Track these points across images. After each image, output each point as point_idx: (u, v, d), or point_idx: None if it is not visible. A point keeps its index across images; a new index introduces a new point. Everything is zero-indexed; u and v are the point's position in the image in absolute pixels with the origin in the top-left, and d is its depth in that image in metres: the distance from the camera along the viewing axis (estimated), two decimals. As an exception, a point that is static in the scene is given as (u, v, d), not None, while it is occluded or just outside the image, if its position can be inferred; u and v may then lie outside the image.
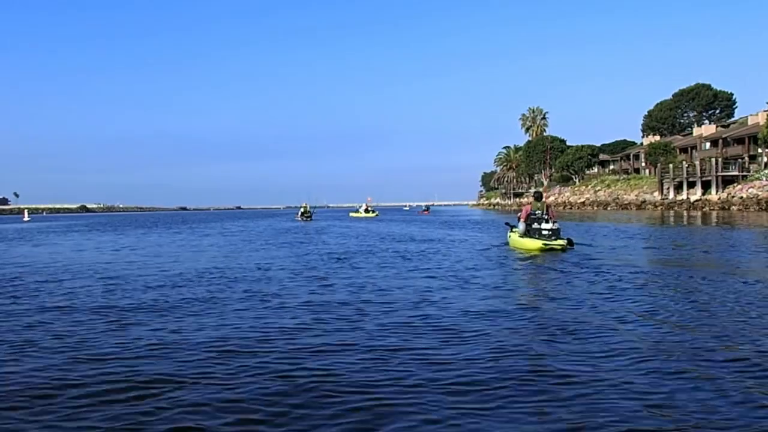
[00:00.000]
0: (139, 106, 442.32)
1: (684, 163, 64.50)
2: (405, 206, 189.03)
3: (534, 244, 17.09)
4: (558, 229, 17.41)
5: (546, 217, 17.68)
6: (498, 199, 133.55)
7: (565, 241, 17.36)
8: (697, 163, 61.71)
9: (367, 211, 67.98)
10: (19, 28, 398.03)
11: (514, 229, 19.27)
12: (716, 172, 57.46)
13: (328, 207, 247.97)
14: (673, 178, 64.51)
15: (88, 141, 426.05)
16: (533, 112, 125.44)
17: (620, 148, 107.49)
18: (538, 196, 18.59)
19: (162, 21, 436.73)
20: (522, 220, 18.08)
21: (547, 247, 16.82)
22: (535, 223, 17.58)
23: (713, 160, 58.77)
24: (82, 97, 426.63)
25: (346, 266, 14.28)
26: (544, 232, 17.21)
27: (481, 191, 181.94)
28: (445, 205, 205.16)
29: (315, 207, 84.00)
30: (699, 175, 59.98)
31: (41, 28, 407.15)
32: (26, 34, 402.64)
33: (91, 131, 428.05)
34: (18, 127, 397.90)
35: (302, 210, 57.18)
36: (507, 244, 19.79)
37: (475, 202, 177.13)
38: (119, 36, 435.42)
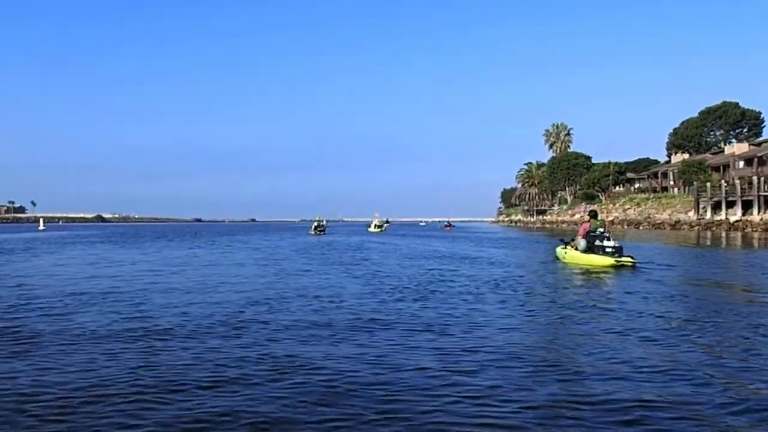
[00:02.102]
0: (156, 118, 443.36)
1: (723, 182, 62.03)
2: (421, 222, 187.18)
3: (605, 260, 17.19)
4: (621, 247, 17.69)
5: (607, 234, 18.06)
6: (520, 216, 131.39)
7: (631, 258, 17.39)
8: (737, 182, 59.22)
9: (377, 226, 69.42)
10: (38, 38, 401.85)
11: (568, 246, 19.47)
12: (758, 191, 54.97)
13: (343, 221, 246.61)
14: (711, 198, 62.02)
15: (105, 151, 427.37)
16: (557, 128, 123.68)
17: (643, 166, 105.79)
18: (594, 214, 19.05)
19: (176, 33, 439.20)
20: (581, 237, 18.25)
21: (619, 263, 16.92)
22: (597, 240, 17.80)
23: (755, 179, 56.28)
24: (99, 108, 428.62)
25: (437, 303, 10.44)
26: (608, 249, 17.49)
27: (500, 208, 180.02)
28: (461, 222, 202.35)
29: (330, 221, 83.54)
30: (739, 194, 57.48)
31: (59, 39, 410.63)
32: (45, 44, 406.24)
33: (109, 142, 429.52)
34: (36, 136, 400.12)
35: (315, 224, 57.66)
36: (557, 260, 20.06)
37: (494, 219, 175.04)
38: (135, 48, 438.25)
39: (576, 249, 18.54)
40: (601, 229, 18.20)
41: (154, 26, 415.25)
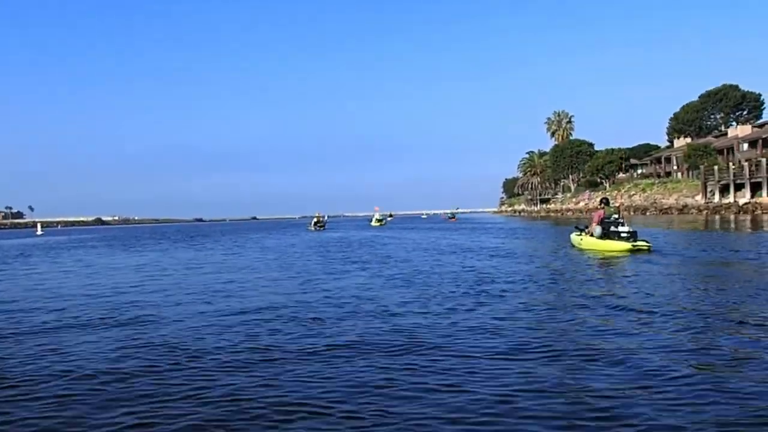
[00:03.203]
0: (155, 118, 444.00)
1: (731, 164, 61.40)
2: (423, 214, 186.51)
3: (622, 245, 17.72)
4: (635, 232, 18.27)
5: (622, 220, 18.76)
6: (523, 206, 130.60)
7: (646, 242, 17.95)
8: (745, 164, 58.58)
9: (378, 220, 69.78)
10: (34, 39, 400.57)
11: (583, 233, 20.09)
12: (767, 173, 54.29)
13: (344, 216, 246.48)
14: (718, 181, 61.34)
15: (103, 153, 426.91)
16: (558, 115, 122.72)
17: (644, 152, 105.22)
18: (607, 201, 19.70)
19: (174, 32, 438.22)
20: (596, 223, 18.90)
21: (635, 248, 17.48)
22: (612, 227, 18.43)
23: (763, 160, 55.62)
24: (97, 110, 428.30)
25: (507, 314, 8.44)
26: (624, 235, 18.05)
27: (502, 198, 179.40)
28: (463, 213, 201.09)
29: (331, 217, 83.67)
30: (748, 177, 56.80)
31: (57, 39, 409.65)
32: (41, 45, 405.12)
33: (106, 143, 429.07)
34: (33, 140, 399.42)
35: (315, 220, 58.06)
36: (572, 246, 20.68)
37: (496, 209, 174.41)
38: (133, 48, 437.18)
39: (591, 235, 19.21)
40: (615, 216, 18.81)
41: (154, 25, 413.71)
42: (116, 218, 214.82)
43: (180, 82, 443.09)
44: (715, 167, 62.91)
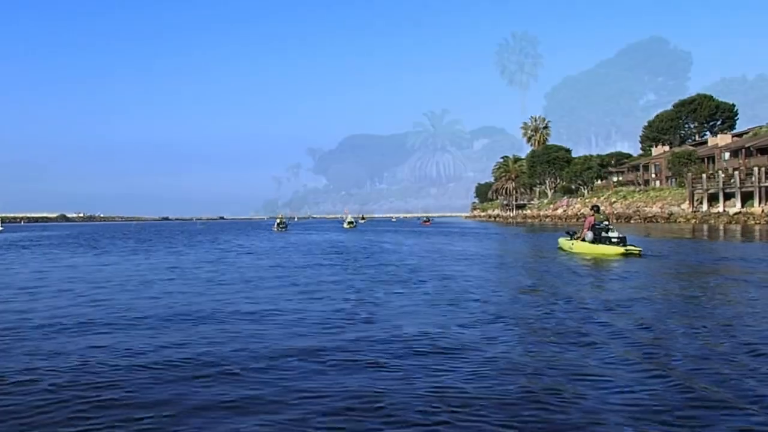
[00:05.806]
0: (122, 113, 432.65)
1: (719, 173, 60.72)
2: (392, 218, 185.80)
3: (615, 249, 18.88)
4: (625, 237, 19.43)
5: (611, 226, 20.07)
6: (497, 211, 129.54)
7: (635, 246, 18.97)
8: (735, 173, 57.89)
9: (349, 223, 70.02)
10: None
11: (573, 238, 21.24)
12: (759, 182, 53.53)
13: (313, 217, 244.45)
14: (707, 189, 60.53)
15: (69, 149, 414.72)
16: (535, 121, 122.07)
17: (616, 160, 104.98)
18: (597, 209, 20.79)
19: (142, 27, 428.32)
20: (587, 229, 19.99)
21: (627, 252, 18.59)
22: (603, 232, 19.56)
23: (756, 169, 54.92)
24: (63, 105, 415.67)
25: None
26: (614, 240, 19.23)
27: (475, 202, 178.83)
28: (434, 217, 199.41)
29: (301, 218, 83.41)
30: (738, 186, 56.06)
31: (12, 34, 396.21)
32: (4, 40, 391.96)
33: (73, 139, 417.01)
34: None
35: (278, 221, 61.54)
36: (560, 250, 21.89)
37: (468, 214, 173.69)
38: (99, 42, 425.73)
39: (583, 240, 20.19)
40: (606, 222, 20.12)
41: (118, 19, 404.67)
42: (81, 215, 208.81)
43: (148, 78, 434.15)
44: (703, 175, 62.12)
